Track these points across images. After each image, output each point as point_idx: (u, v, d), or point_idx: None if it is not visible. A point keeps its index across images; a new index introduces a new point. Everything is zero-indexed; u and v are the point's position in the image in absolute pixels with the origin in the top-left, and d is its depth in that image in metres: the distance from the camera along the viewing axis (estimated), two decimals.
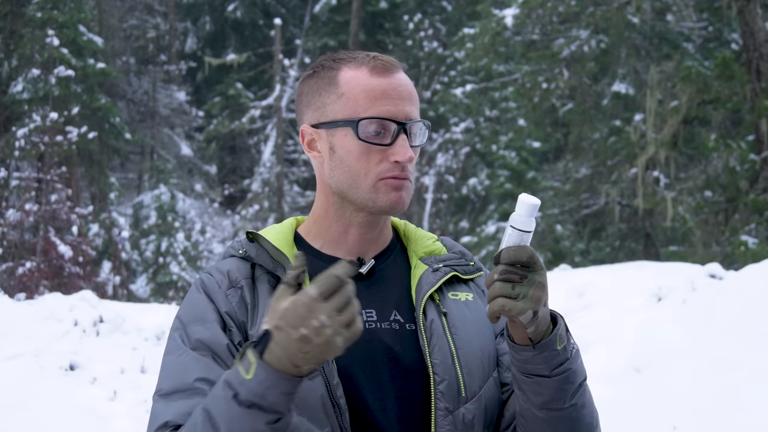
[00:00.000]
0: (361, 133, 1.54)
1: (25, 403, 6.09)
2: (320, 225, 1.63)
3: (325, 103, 1.58)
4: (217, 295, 1.55)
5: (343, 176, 1.57)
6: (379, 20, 26.74)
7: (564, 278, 9.12)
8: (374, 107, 1.54)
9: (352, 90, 1.55)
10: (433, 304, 1.59)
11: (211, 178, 26.79)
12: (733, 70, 12.80)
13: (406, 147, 1.54)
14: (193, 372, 1.47)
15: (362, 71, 1.56)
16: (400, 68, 1.60)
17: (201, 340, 1.50)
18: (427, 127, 1.61)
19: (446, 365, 1.53)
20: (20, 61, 17.65)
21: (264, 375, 1.29)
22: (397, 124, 1.54)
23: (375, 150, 1.54)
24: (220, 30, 29.08)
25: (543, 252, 18.56)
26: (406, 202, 1.57)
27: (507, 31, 16.60)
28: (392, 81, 1.56)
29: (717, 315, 6.41)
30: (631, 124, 16.40)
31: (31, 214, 14.61)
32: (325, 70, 1.60)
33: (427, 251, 1.67)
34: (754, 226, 12.77)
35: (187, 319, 1.54)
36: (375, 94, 1.55)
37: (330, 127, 1.57)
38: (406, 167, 1.55)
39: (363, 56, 1.59)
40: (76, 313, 7.67)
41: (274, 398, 1.30)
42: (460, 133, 21.69)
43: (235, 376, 1.32)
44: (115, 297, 15.40)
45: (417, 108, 1.59)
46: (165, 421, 1.43)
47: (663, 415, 5.63)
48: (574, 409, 1.49)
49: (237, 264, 1.60)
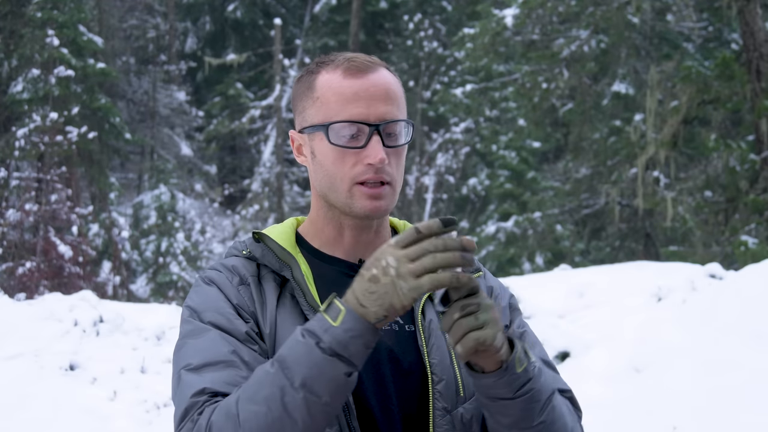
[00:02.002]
0: (333, 137, 1.53)
1: (25, 403, 6.09)
2: (316, 227, 1.64)
3: (305, 108, 1.58)
4: (228, 289, 1.54)
5: (324, 180, 1.57)
6: (379, 20, 26.75)
7: (564, 278, 9.12)
8: (345, 110, 1.52)
9: (325, 94, 1.55)
10: (431, 305, 1.59)
11: (211, 178, 26.79)
12: (733, 70, 12.80)
13: (377, 149, 1.51)
14: (223, 346, 1.45)
15: (336, 74, 1.55)
16: (377, 67, 1.57)
17: (219, 325, 1.49)
18: (409, 125, 1.58)
19: (444, 365, 1.53)
20: (20, 61, 17.65)
21: (352, 323, 1.32)
22: (369, 125, 1.52)
23: (349, 153, 1.53)
24: (220, 30, 29.08)
25: (543, 252, 18.57)
26: (383, 208, 1.55)
27: (507, 31, 16.60)
28: (365, 82, 1.54)
29: (717, 315, 6.41)
30: (631, 124, 16.40)
31: (31, 214, 14.61)
32: (307, 74, 1.60)
33: None
34: (754, 226, 12.77)
35: (200, 308, 1.52)
36: (346, 96, 1.53)
37: (310, 132, 1.57)
38: (383, 169, 1.53)
39: (340, 59, 1.57)
40: (76, 313, 7.67)
41: (356, 348, 1.33)
42: (460, 133, 21.70)
43: (319, 324, 1.34)
44: (115, 297, 15.40)
45: (396, 106, 1.56)
46: (201, 387, 1.40)
47: (663, 415, 5.64)
48: (544, 425, 1.46)
49: (242, 262, 1.60)
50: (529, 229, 18.37)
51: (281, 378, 1.33)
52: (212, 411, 1.37)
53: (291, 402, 1.32)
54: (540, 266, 18.25)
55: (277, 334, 1.51)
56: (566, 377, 6.11)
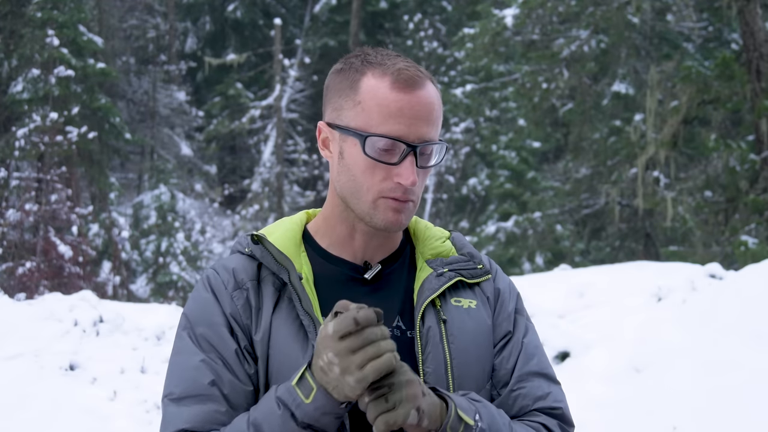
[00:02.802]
0: (368, 148, 1.49)
1: (25, 403, 6.09)
2: (328, 224, 1.62)
3: (343, 107, 1.54)
4: (223, 296, 1.54)
5: (348, 184, 1.54)
6: (379, 20, 26.74)
7: (564, 278, 9.11)
8: (386, 124, 1.49)
9: (369, 101, 1.50)
10: (433, 311, 1.56)
11: (211, 178, 26.79)
12: (733, 70, 12.80)
13: (411, 170, 1.49)
14: (204, 376, 1.48)
15: (384, 82, 1.50)
16: (425, 82, 1.52)
17: (210, 342, 1.51)
18: (442, 146, 1.56)
19: (438, 374, 1.52)
20: (20, 61, 17.65)
21: (322, 402, 1.36)
22: (407, 145, 1.49)
23: (380, 167, 1.50)
24: (220, 30, 29.08)
25: (543, 252, 18.57)
26: (403, 224, 1.54)
27: (507, 31, 16.59)
28: (411, 98, 1.49)
29: (717, 315, 6.41)
30: (631, 124, 16.40)
31: (31, 214, 14.61)
32: (352, 70, 1.55)
33: (434, 253, 1.64)
34: (754, 226, 12.77)
35: (195, 319, 1.54)
36: (390, 110, 1.49)
37: (343, 132, 1.53)
38: (410, 189, 1.51)
39: (391, 64, 1.52)
40: (76, 313, 7.67)
41: (328, 421, 1.38)
42: (460, 133, 21.69)
43: (292, 398, 1.38)
44: (115, 297, 15.40)
45: (435, 127, 1.53)
46: (181, 428, 1.45)
47: (663, 415, 5.63)
48: None
49: (243, 263, 1.59)
50: (529, 229, 18.37)
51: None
52: None
53: None
54: (540, 266, 18.25)
55: (272, 339, 1.51)
56: (566, 377, 6.12)
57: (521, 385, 1.59)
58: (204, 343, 1.51)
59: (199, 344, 1.51)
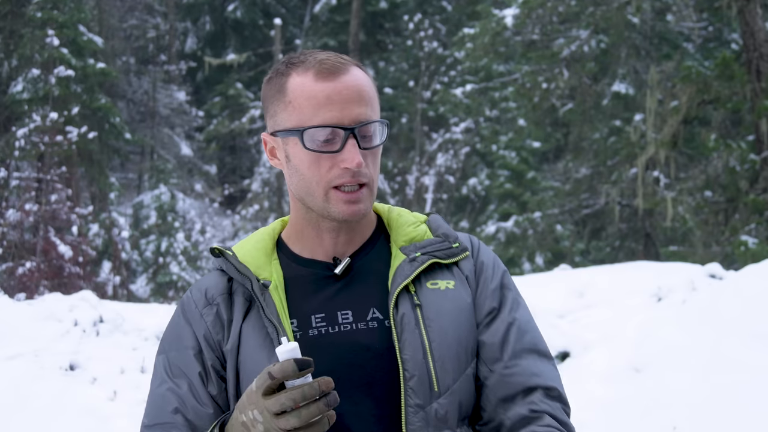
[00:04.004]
0: (308, 142, 1.51)
1: (25, 403, 6.09)
2: (296, 229, 1.63)
3: (277, 112, 1.56)
4: (194, 317, 1.60)
5: (300, 184, 1.56)
6: (379, 20, 26.74)
7: (564, 278, 9.12)
8: (319, 115, 1.50)
9: (298, 98, 1.52)
10: (407, 297, 1.55)
11: (211, 178, 26.79)
12: (733, 70, 12.79)
13: (354, 152, 1.50)
14: (169, 404, 1.54)
15: (307, 77, 1.52)
16: (350, 67, 1.54)
17: (180, 367, 1.57)
18: (383, 125, 1.56)
19: (416, 360, 1.50)
20: (20, 61, 17.66)
21: None
22: (344, 129, 1.50)
23: (324, 157, 1.52)
24: (220, 30, 29.07)
25: (543, 252, 18.57)
26: (362, 212, 1.54)
27: (507, 31, 16.60)
28: (337, 84, 1.51)
29: (717, 315, 6.41)
30: (631, 124, 16.40)
31: (31, 214, 14.60)
32: (278, 76, 1.57)
33: (407, 239, 1.63)
34: (754, 226, 12.76)
35: (167, 345, 1.61)
36: (319, 100, 1.51)
37: (283, 135, 1.55)
38: (360, 171, 1.51)
39: (311, 60, 1.54)
40: (76, 313, 7.67)
41: None
42: (460, 133, 21.69)
43: None
44: (115, 297, 15.40)
45: (370, 107, 1.54)
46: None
47: (663, 415, 5.63)
48: None
49: (216, 279, 1.63)
50: (529, 229, 18.36)
51: None
52: None
53: None
54: (540, 266, 18.24)
55: (241, 348, 1.55)
56: (566, 377, 6.11)
57: (515, 362, 1.56)
58: (174, 368, 1.57)
59: (170, 370, 1.57)
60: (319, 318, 1.55)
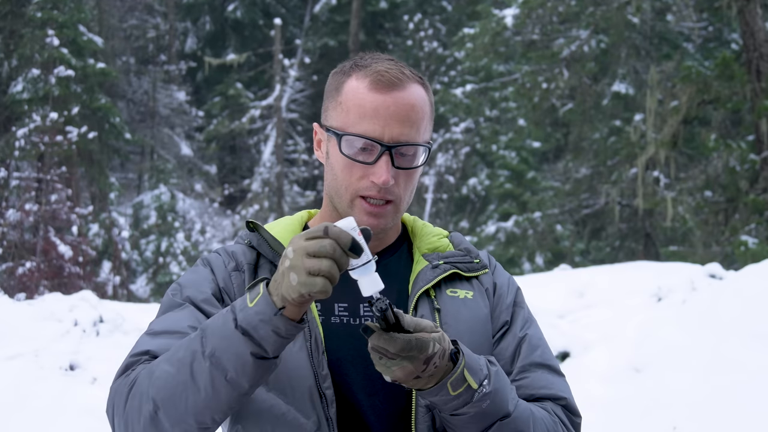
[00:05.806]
0: (344, 147, 1.53)
1: (25, 403, 6.09)
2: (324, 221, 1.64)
3: (329, 107, 1.59)
4: (220, 271, 1.59)
5: (332, 184, 1.58)
6: (379, 20, 26.74)
7: (564, 278, 9.12)
8: (361, 124, 1.51)
9: (348, 101, 1.54)
10: (427, 300, 1.58)
11: (211, 178, 26.77)
12: (733, 70, 12.79)
13: (385, 170, 1.51)
14: (186, 320, 1.51)
15: (363, 83, 1.53)
16: (408, 84, 1.54)
17: (194, 301, 1.54)
18: (426, 149, 1.57)
19: None
20: (20, 61, 17.65)
21: (263, 306, 1.33)
22: (381, 145, 1.51)
23: (357, 166, 1.53)
24: (220, 30, 29.06)
25: (543, 252, 18.57)
26: (383, 227, 1.56)
27: (507, 31, 16.60)
28: (386, 99, 1.52)
29: (717, 315, 6.41)
30: (631, 124, 16.40)
31: (31, 214, 14.60)
32: (341, 73, 1.59)
33: (430, 248, 1.67)
34: (754, 226, 12.76)
35: (185, 284, 1.58)
36: (366, 110, 1.52)
37: (328, 132, 1.58)
38: (388, 189, 1.53)
39: (373, 67, 1.54)
40: (76, 313, 7.67)
41: (265, 333, 1.33)
42: (460, 133, 21.68)
43: (240, 302, 1.36)
44: (115, 297, 15.40)
45: (416, 129, 1.54)
46: (147, 349, 1.47)
47: (663, 415, 5.63)
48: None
49: (243, 249, 1.63)
50: (529, 229, 18.36)
51: (197, 344, 1.37)
52: (143, 368, 1.43)
53: (198, 369, 1.35)
54: (540, 266, 18.24)
55: None
56: (566, 377, 6.11)
57: (524, 375, 1.59)
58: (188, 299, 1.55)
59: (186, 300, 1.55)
60: (342, 308, 1.57)
